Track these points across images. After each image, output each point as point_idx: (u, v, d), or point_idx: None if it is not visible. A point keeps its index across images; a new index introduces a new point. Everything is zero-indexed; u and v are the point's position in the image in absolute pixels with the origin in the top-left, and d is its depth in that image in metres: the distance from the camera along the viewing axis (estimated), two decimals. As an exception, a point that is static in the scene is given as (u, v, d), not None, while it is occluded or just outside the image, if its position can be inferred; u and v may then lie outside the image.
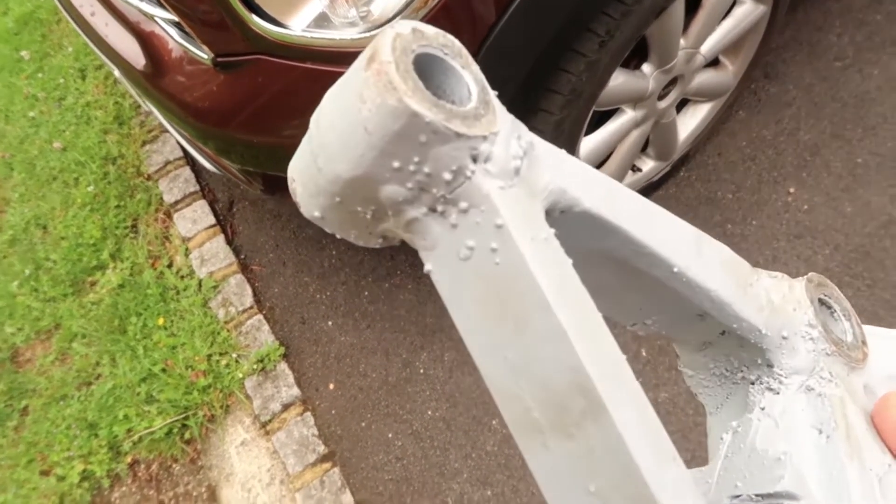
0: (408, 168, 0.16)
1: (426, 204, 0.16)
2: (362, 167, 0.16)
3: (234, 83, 1.33)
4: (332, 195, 0.17)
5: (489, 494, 1.62)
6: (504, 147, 0.16)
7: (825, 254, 1.72)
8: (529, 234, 0.16)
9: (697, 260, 0.19)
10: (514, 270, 0.16)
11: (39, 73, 2.62)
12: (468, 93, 0.16)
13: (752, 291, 0.20)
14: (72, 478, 1.79)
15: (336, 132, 0.16)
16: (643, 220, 0.19)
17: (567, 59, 1.25)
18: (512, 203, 0.16)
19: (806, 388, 0.19)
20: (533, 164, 0.17)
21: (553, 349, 0.16)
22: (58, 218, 2.23)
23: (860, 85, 1.91)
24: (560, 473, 0.16)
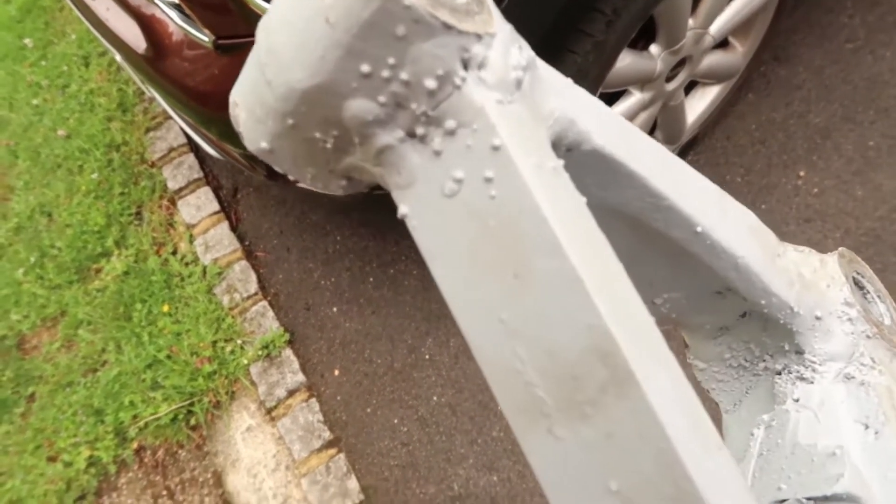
0: (380, 73, 0.12)
1: (403, 125, 0.13)
2: (322, 73, 0.12)
3: (236, 66, 1.31)
4: (284, 116, 0.13)
5: (495, 480, 1.61)
6: (503, 53, 0.13)
7: (835, 238, 1.70)
8: (534, 160, 0.12)
9: (723, 221, 0.16)
10: (515, 205, 0.12)
11: (43, 61, 2.61)
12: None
13: (781, 263, 0.16)
14: (78, 464, 1.79)
15: (290, 31, 0.12)
16: (663, 169, 0.15)
17: (573, 40, 1.23)
18: (512, 122, 0.12)
19: (845, 376, 0.16)
20: (536, 83, 0.13)
21: (565, 304, 0.12)
22: (62, 205, 2.23)
23: (872, 67, 1.88)
24: (570, 468, 0.12)
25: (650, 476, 0.11)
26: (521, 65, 0.13)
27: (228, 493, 1.73)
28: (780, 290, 0.17)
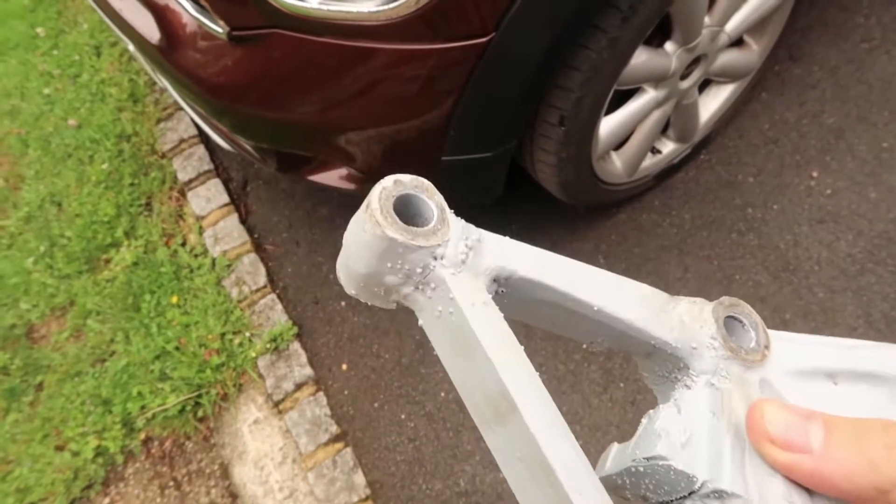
0: (395, 266, 0.24)
1: (412, 285, 0.25)
2: (370, 268, 0.24)
3: (249, 58, 1.31)
4: (358, 282, 0.25)
5: (501, 477, 1.61)
6: (454, 248, 0.24)
7: (848, 239, 1.69)
8: (470, 301, 0.24)
9: (615, 299, 0.26)
10: (462, 325, 0.24)
11: (55, 50, 2.61)
12: (432, 213, 0.24)
13: (666, 316, 0.27)
14: (86, 453, 1.80)
15: (354, 248, 0.25)
16: (567, 276, 0.26)
17: (588, 35, 1.22)
18: (459, 283, 0.24)
19: (709, 384, 0.26)
20: (478, 254, 0.25)
21: (486, 370, 0.23)
22: (73, 195, 2.23)
23: (887, 67, 1.86)
24: (502, 447, 0.24)
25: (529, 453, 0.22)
26: (464, 251, 0.24)
27: (235, 486, 1.74)
28: (662, 335, 0.26)
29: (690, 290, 1.72)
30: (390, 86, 1.26)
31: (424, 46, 1.18)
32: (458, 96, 1.24)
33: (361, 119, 1.35)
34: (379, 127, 1.36)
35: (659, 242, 1.79)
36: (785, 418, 0.23)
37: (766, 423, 0.23)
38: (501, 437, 0.23)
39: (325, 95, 1.32)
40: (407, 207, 0.24)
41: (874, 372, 0.25)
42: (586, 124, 1.38)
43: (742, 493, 0.23)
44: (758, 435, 0.23)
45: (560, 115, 1.33)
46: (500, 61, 1.18)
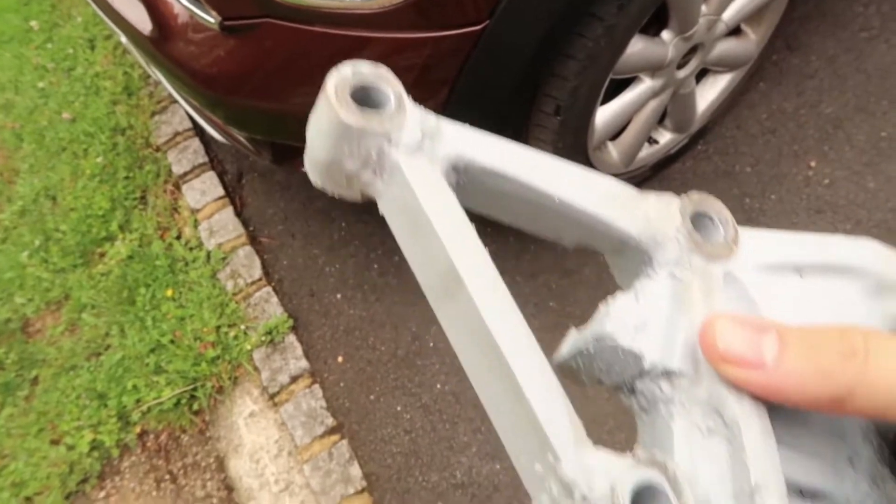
0: (353, 151, 0.24)
1: (370, 171, 0.25)
2: (329, 154, 0.24)
3: (242, 48, 1.30)
4: (321, 170, 0.25)
5: (498, 468, 1.60)
6: (409, 134, 0.24)
7: (846, 229, 1.68)
8: (423, 185, 0.24)
9: (580, 191, 0.26)
10: (416, 208, 0.24)
11: (48, 44, 2.59)
12: (388, 99, 0.24)
13: (632, 211, 0.26)
14: (81, 447, 1.79)
15: (314, 135, 0.25)
16: (528, 166, 0.26)
17: (584, 23, 1.21)
18: (413, 168, 0.24)
19: (671, 275, 0.25)
20: (435, 141, 0.25)
21: (436, 247, 0.24)
22: (67, 189, 2.22)
23: (886, 56, 1.85)
24: (451, 320, 0.24)
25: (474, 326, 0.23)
26: (418, 137, 0.25)
27: (230, 479, 1.73)
28: (626, 229, 0.26)
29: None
30: (384, 75, 1.25)
31: (418, 35, 1.16)
32: (452, 85, 1.23)
33: (355, 109, 1.34)
34: (373, 117, 1.35)
35: (656, 233, 1.78)
36: (737, 334, 0.22)
37: (718, 341, 0.23)
38: (452, 313, 0.24)
39: (317, 85, 1.29)
40: (365, 93, 0.24)
41: (847, 265, 0.25)
42: (582, 114, 1.37)
43: (691, 374, 0.23)
44: (711, 352, 0.23)
45: (556, 105, 1.32)
46: (495, 50, 1.17)
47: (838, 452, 0.25)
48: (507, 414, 0.22)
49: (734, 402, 0.23)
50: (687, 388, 0.23)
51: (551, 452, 0.20)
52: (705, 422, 0.23)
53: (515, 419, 0.22)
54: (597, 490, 0.19)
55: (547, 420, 0.21)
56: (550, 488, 0.20)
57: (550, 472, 0.20)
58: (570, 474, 0.20)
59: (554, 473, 0.20)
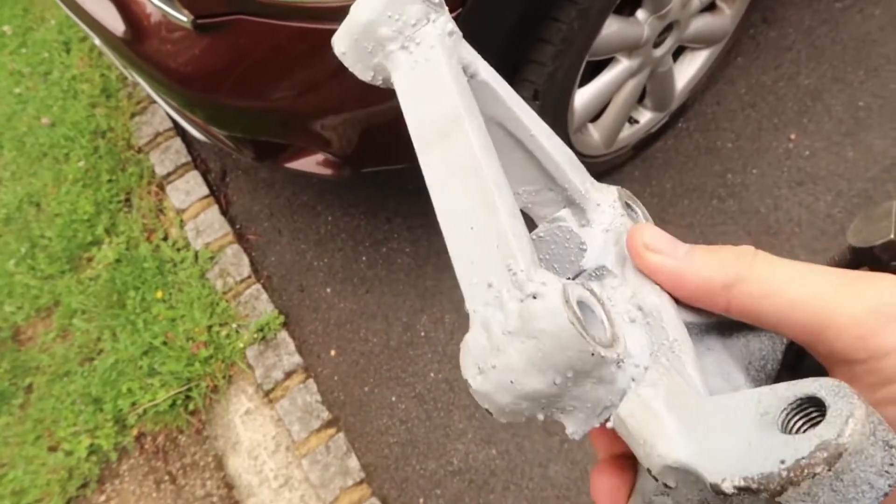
0: (394, 17, 0.28)
1: (400, 42, 0.28)
2: (373, 14, 0.28)
3: (216, 46, 1.30)
4: (354, 34, 0.29)
5: (494, 453, 1.62)
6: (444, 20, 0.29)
7: (827, 200, 1.70)
8: (446, 52, 0.28)
9: (549, 137, 0.31)
10: (436, 67, 0.28)
11: (23, 49, 2.57)
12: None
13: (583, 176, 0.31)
14: (79, 452, 1.80)
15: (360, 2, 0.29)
16: (515, 100, 0.30)
17: (557, 7, 1.21)
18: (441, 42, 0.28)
19: (604, 230, 0.30)
20: (458, 43, 0.30)
21: (445, 95, 0.27)
22: (51, 195, 2.21)
23: (861, 26, 1.86)
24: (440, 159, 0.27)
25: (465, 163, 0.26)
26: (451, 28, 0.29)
27: (230, 476, 1.74)
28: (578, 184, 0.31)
29: (673, 258, 1.72)
30: (361, 68, 1.24)
31: (392, 26, 1.16)
32: (429, 75, 1.23)
33: (334, 103, 1.34)
34: (352, 111, 1.35)
35: (641, 213, 1.79)
36: (660, 235, 0.28)
37: (644, 235, 0.28)
38: (442, 154, 0.27)
39: (295, 81, 1.30)
40: None
41: None
42: (561, 97, 1.38)
43: (619, 275, 0.28)
44: (635, 243, 0.28)
45: (534, 90, 1.32)
46: (469, 36, 1.16)
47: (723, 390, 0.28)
48: (477, 235, 0.25)
49: (654, 296, 0.27)
50: (615, 286, 0.28)
51: (513, 259, 0.23)
52: (629, 314, 0.27)
53: (484, 238, 0.24)
54: (549, 288, 0.22)
55: (514, 236, 0.24)
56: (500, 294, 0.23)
57: (505, 280, 0.23)
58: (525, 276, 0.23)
59: (509, 280, 0.23)
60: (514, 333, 0.21)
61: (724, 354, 0.29)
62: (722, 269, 0.26)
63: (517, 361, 0.21)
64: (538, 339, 0.21)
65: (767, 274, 0.25)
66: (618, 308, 0.27)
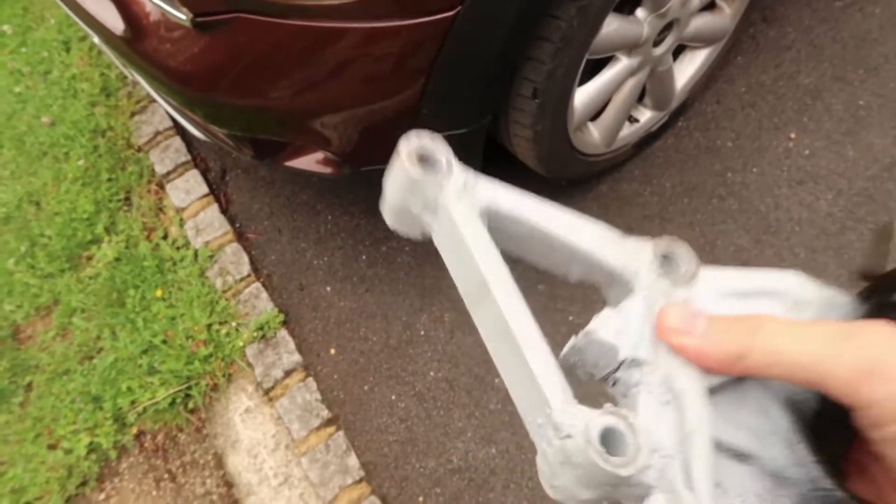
0: (417, 198, 0.32)
1: (429, 211, 0.32)
2: (400, 200, 0.32)
3: (215, 44, 1.30)
4: (395, 213, 0.33)
5: (494, 452, 1.62)
6: (454, 184, 0.32)
7: (828, 199, 1.70)
8: (463, 219, 0.31)
9: (579, 234, 0.33)
10: (458, 236, 0.31)
11: (23, 48, 2.57)
12: (441, 159, 0.32)
13: (616, 250, 0.33)
14: (79, 450, 1.80)
15: (391, 187, 0.33)
16: (540, 214, 0.33)
17: (557, 5, 1.21)
18: (457, 207, 0.32)
19: (644, 297, 0.32)
20: (473, 191, 0.32)
21: (472, 265, 0.31)
22: (50, 193, 2.21)
23: (861, 25, 1.86)
24: (482, 318, 0.31)
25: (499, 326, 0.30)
26: (461, 188, 0.32)
27: (229, 475, 1.74)
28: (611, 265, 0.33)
29: (673, 257, 1.72)
30: (360, 66, 1.25)
31: (392, 24, 1.16)
32: (429, 73, 1.23)
33: (333, 102, 1.34)
34: (351, 109, 1.35)
35: (640, 212, 1.79)
36: (680, 314, 0.31)
37: (666, 319, 0.31)
38: (483, 316, 0.31)
39: (295, 79, 1.30)
40: (425, 156, 0.32)
41: (773, 290, 0.34)
42: (560, 96, 1.38)
43: (652, 361, 0.31)
44: (662, 326, 0.31)
45: (533, 88, 1.32)
46: (469, 35, 1.17)
47: (763, 425, 0.32)
48: (522, 385, 0.29)
49: (681, 376, 0.30)
50: (650, 372, 0.31)
51: (548, 406, 0.28)
52: (663, 396, 0.30)
53: (527, 387, 0.29)
54: (576, 428, 0.26)
55: (546, 384, 0.28)
56: (547, 433, 0.28)
57: (548, 421, 0.28)
58: (559, 418, 0.27)
59: (550, 421, 0.27)
60: (562, 464, 0.27)
61: (762, 392, 0.32)
62: (734, 343, 0.30)
63: (570, 482, 0.27)
64: (577, 468, 0.27)
65: (770, 342, 0.29)
66: (653, 392, 0.30)
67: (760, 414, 0.32)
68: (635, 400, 0.31)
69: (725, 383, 0.31)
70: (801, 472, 0.31)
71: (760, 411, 0.32)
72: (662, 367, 0.31)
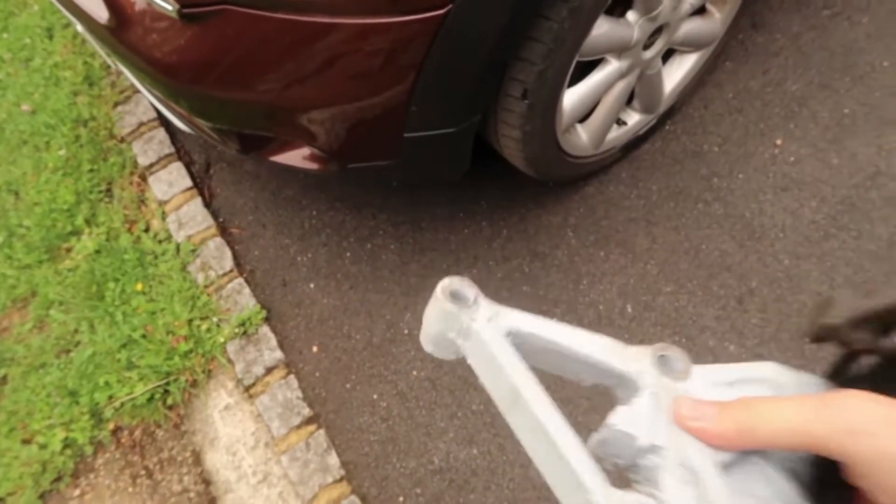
0: (450, 326, 0.37)
1: (462, 337, 0.37)
2: (439, 329, 0.37)
3: (202, 36, 1.27)
4: (433, 340, 0.38)
5: (475, 453, 1.61)
6: (482, 314, 0.37)
7: (811, 206, 1.71)
8: (492, 341, 0.36)
9: (588, 345, 0.38)
10: (488, 352, 0.36)
11: (4, 34, 2.52)
12: (470, 295, 0.37)
13: (622, 357, 0.38)
14: (54, 445, 1.76)
15: (431, 320, 0.38)
16: (554, 331, 0.38)
17: (548, 6, 1.20)
18: (486, 332, 0.36)
19: (651, 393, 0.37)
20: (497, 318, 0.37)
21: (502, 375, 0.36)
22: (30, 183, 2.17)
23: (848, 33, 1.87)
24: (518, 422, 0.35)
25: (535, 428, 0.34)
26: (489, 315, 0.37)
27: (207, 472, 1.72)
28: (621, 369, 0.38)
29: (658, 260, 1.73)
30: (349, 62, 1.23)
31: (382, 20, 1.15)
32: (418, 71, 1.22)
33: (321, 97, 1.32)
34: (339, 105, 1.33)
35: (627, 214, 1.79)
36: (691, 403, 0.37)
37: (681, 408, 0.36)
38: (517, 418, 0.35)
39: (282, 74, 1.28)
40: (456, 293, 0.37)
41: (756, 378, 0.39)
42: (549, 97, 1.37)
43: (668, 446, 0.35)
44: (679, 415, 0.36)
45: (523, 89, 1.31)
46: (459, 34, 1.16)
47: (770, 494, 0.36)
48: (561, 479, 0.33)
49: (695, 456, 0.35)
50: (667, 455, 0.35)
51: (590, 493, 0.32)
52: (683, 476, 0.35)
53: (566, 480, 0.33)
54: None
55: (585, 475, 0.33)
56: None
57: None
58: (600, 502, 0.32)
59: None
60: None
61: (764, 465, 0.37)
62: (741, 422, 0.35)
63: None
64: None
65: (764, 418, 0.34)
66: (674, 475, 0.35)
67: (765, 481, 0.36)
68: (657, 481, 0.35)
69: (734, 460, 0.35)
70: None
71: (766, 481, 0.36)
72: (678, 451, 0.35)
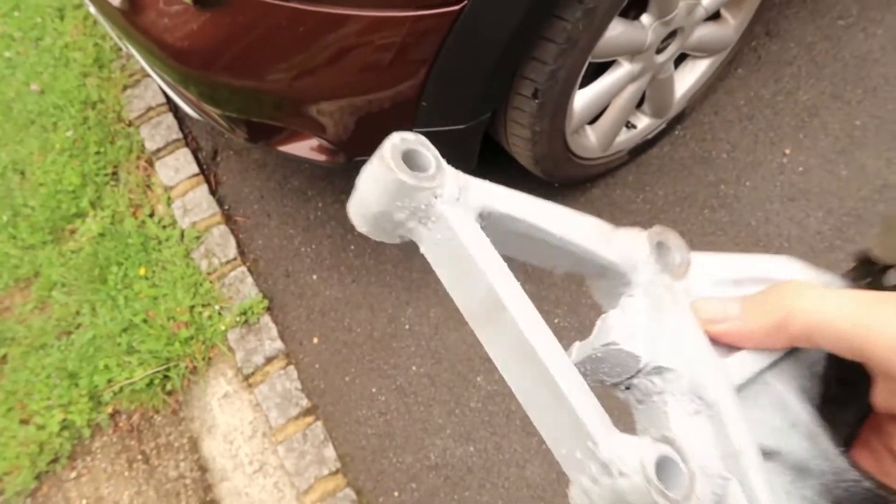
0: (403, 204, 0.29)
1: (416, 219, 0.29)
2: (383, 206, 0.29)
3: (215, 22, 1.27)
4: (370, 220, 0.30)
5: (472, 450, 1.61)
6: (449, 189, 0.29)
7: (818, 217, 1.70)
8: (463, 228, 0.29)
9: (573, 229, 0.32)
10: (459, 246, 0.29)
11: (16, 12, 2.52)
12: (430, 162, 0.29)
13: (612, 242, 0.33)
14: (51, 427, 1.77)
15: (369, 190, 0.29)
16: (534, 211, 0.32)
17: (563, 6, 1.20)
18: (454, 215, 0.29)
19: (646, 292, 0.32)
20: (466, 194, 0.30)
21: (477, 277, 0.28)
22: (36, 163, 2.17)
23: (863, 44, 1.86)
24: (493, 340, 0.28)
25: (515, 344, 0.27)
26: (455, 192, 0.29)
27: (204, 459, 1.72)
28: (610, 257, 0.32)
29: (662, 265, 1.72)
30: (361, 54, 1.23)
31: (395, 14, 1.14)
32: (430, 66, 1.21)
33: (332, 88, 1.32)
34: (349, 97, 1.33)
35: (632, 218, 1.79)
36: (712, 304, 0.32)
37: (701, 312, 0.32)
38: (493, 334, 0.28)
39: (294, 63, 1.28)
40: (410, 158, 0.29)
41: (764, 277, 0.34)
42: (560, 97, 1.37)
43: (676, 368, 0.30)
44: (701, 320, 0.32)
45: (534, 88, 1.31)
46: (473, 31, 1.15)
47: (783, 420, 0.32)
48: (550, 413, 0.27)
49: (709, 384, 0.30)
50: (674, 380, 0.30)
51: (590, 440, 0.25)
52: (692, 405, 0.30)
53: (557, 417, 0.27)
54: (629, 465, 0.25)
55: (585, 415, 0.26)
56: (590, 469, 0.25)
57: (590, 456, 0.25)
58: (606, 455, 0.25)
59: (593, 457, 0.25)
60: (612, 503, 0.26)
61: (777, 386, 0.32)
62: (773, 314, 0.30)
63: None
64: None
65: (812, 308, 0.29)
66: (680, 402, 0.30)
67: (779, 408, 0.32)
68: (662, 410, 0.30)
69: (745, 382, 0.31)
70: (824, 463, 0.31)
71: (779, 405, 0.32)
72: (687, 375, 0.30)
